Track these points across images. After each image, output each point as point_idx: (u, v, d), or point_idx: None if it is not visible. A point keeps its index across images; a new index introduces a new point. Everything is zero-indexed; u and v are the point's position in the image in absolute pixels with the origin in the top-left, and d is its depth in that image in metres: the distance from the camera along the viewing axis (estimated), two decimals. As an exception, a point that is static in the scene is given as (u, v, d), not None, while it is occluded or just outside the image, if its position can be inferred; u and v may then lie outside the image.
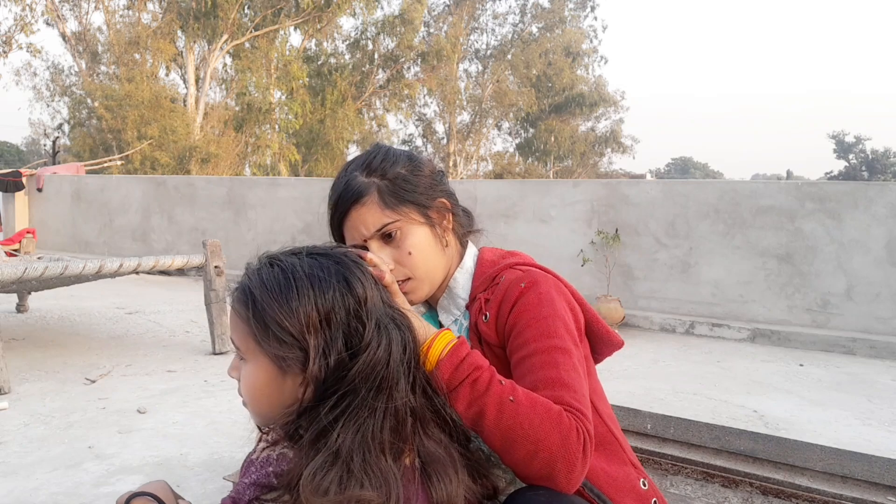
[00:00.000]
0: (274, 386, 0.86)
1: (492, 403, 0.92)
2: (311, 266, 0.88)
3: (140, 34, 19.48)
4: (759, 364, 4.14)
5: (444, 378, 0.94)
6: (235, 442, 2.49)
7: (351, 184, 1.12)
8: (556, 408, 0.91)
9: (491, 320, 1.08)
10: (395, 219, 1.10)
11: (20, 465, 2.24)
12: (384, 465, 0.80)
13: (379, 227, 1.10)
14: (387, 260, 1.10)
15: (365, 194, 1.10)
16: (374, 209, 1.10)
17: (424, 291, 1.15)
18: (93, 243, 9.21)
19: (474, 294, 1.16)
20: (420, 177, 1.14)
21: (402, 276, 1.12)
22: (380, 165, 1.12)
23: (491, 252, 1.22)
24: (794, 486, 1.57)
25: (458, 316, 1.18)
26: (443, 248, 1.15)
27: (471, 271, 1.19)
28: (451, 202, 1.18)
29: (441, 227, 1.16)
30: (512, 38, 28.96)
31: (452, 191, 1.21)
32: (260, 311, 0.85)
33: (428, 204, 1.14)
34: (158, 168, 17.15)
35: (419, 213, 1.12)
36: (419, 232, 1.12)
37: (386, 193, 1.10)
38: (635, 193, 5.57)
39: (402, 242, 1.11)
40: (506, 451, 0.91)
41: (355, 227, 1.11)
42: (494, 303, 1.09)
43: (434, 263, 1.14)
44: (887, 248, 4.66)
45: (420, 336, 0.96)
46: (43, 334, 4.31)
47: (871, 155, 40.45)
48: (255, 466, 0.83)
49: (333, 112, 21.78)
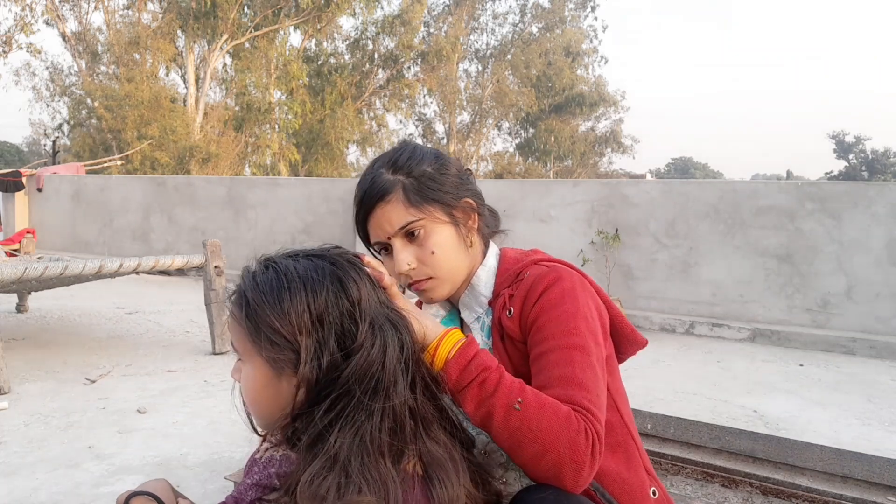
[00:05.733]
0: (271, 388, 0.86)
1: (500, 405, 0.91)
2: (306, 268, 0.88)
3: (140, 34, 19.44)
4: (759, 364, 4.14)
5: (452, 379, 0.94)
6: (235, 442, 2.49)
7: (376, 181, 1.11)
8: (564, 409, 0.91)
9: (515, 315, 1.07)
10: (419, 217, 1.09)
11: (20, 465, 2.24)
12: (383, 469, 0.79)
13: (403, 225, 1.09)
14: (409, 258, 1.10)
15: (390, 192, 1.09)
16: (399, 207, 1.09)
17: (445, 291, 1.15)
18: (93, 243, 9.20)
19: (497, 291, 1.14)
20: (446, 175, 1.13)
21: (424, 276, 1.12)
22: (406, 163, 1.11)
23: (514, 250, 1.21)
24: (794, 486, 1.57)
25: (481, 313, 1.17)
26: (466, 247, 1.14)
27: (494, 269, 1.18)
28: (477, 202, 1.17)
29: (466, 226, 1.14)
30: (512, 38, 28.92)
31: (479, 190, 1.19)
32: (253, 312, 0.85)
33: (453, 203, 1.12)
34: (158, 168, 17.14)
35: (444, 212, 1.11)
36: (443, 231, 1.11)
37: (411, 191, 1.09)
38: (635, 193, 5.58)
39: (426, 241, 1.10)
40: (514, 452, 0.92)
41: (379, 225, 1.11)
42: (519, 298, 1.08)
43: (457, 263, 1.13)
44: (887, 248, 4.66)
45: (429, 335, 0.96)
46: (43, 334, 4.31)
47: (871, 155, 40.41)
48: (258, 467, 0.82)
49: (333, 112, 21.75)
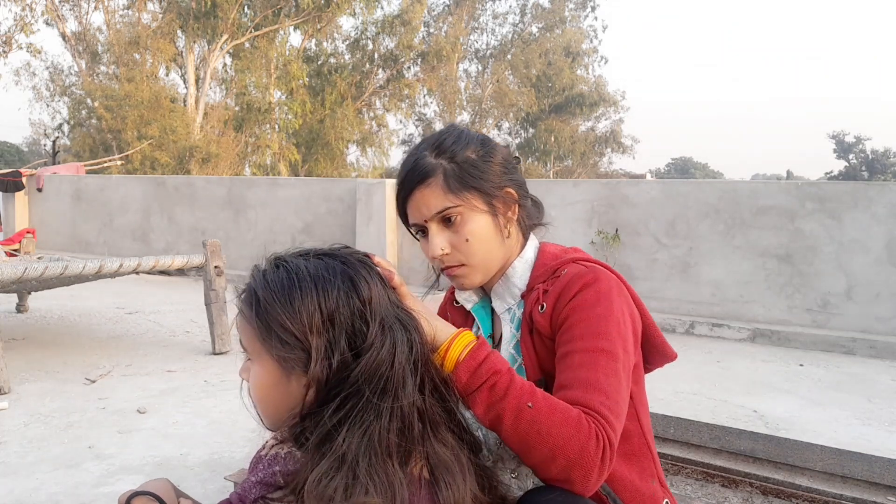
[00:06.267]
0: (279, 388, 0.86)
1: (509, 409, 0.91)
2: (317, 267, 0.88)
3: (140, 34, 19.44)
4: (759, 364, 4.14)
5: (462, 382, 0.93)
6: (235, 442, 2.49)
7: (419, 163, 1.10)
8: (574, 413, 0.90)
9: (547, 311, 1.06)
10: (456, 203, 1.08)
11: (20, 464, 2.24)
12: (390, 470, 0.79)
13: (440, 210, 1.08)
14: (443, 244, 1.10)
15: (430, 176, 1.09)
16: (438, 192, 1.08)
17: (477, 279, 1.14)
18: (93, 243, 9.20)
19: (532, 285, 1.13)
20: (489, 164, 1.11)
21: (457, 262, 1.11)
22: (450, 147, 1.10)
23: (554, 246, 1.20)
24: (794, 486, 1.57)
25: (513, 305, 1.15)
26: (503, 238, 1.12)
27: (531, 262, 1.16)
28: (520, 192, 1.15)
29: (505, 217, 1.12)
30: (512, 38, 28.93)
31: (523, 181, 1.17)
32: (263, 311, 0.85)
33: (493, 192, 1.10)
34: (158, 168, 17.13)
35: (483, 200, 1.10)
36: (480, 220, 1.09)
37: (451, 177, 1.08)
38: (635, 193, 5.57)
39: (461, 228, 1.09)
40: (524, 455, 0.92)
41: (417, 208, 1.11)
42: (553, 294, 1.06)
43: (491, 253, 1.11)
44: (887, 248, 4.66)
45: (439, 337, 0.95)
46: (43, 334, 4.31)
47: (871, 155, 40.39)
48: (262, 464, 0.82)
49: (333, 112, 21.74)
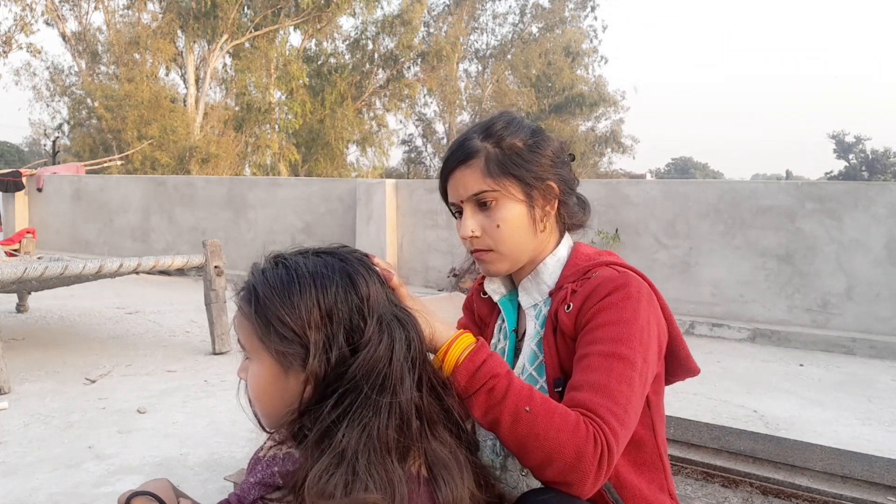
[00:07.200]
0: (278, 384, 0.86)
1: (507, 412, 0.91)
2: (316, 264, 0.88)
3: (140, 34, 19.42)
4: (759, 364, 4.14)
5: (461, 384, 0.93)
6: (235, 442, 2.49)
7: (465, 144, 1.11)
8: (573, 417, 0.90)
9: (573, 312, 1.05)
10: (493, 188, 1.08)
11: (20, 465, 2.24)
12: (389, 467, 0.80)
13: (476, 192, 1.09)
14: (474, 226, 1.10)
15: (473, 157, 1.09)
16: (477, 174, 1.08)
17: (503, 267, 1.13)
18: (93, 243, 9.20)
19: (562, 283, 1.11)
20: (536, 154, 1.10)
21: (485, 246, 1.11)
22: (499, 132, 1.10)
23: (589, 247, 1.19)
24: (794, 486, 1.57)
25: (539, 301, 1.14)
26: (536, 230, 1.11)
27: (563, 260, 1.15)
28: (563, 189, 1.13)
29: (542, 210, 1.11)
30: (512, 38, 28.90)
31: (572, 178, 1.16)
32: (262, 307, 0.86)
33: (533, 183, 1.09)
34: (158, 168, 17.12)
35: (521, 189, 1.09)
36: (514, 208, 1.09)
37: (493, 161, 1.08)
38: (635, 193, 5.57)
39: (494, 213, 1.09)
40: (522, 458, 0.92)
41: (455, 187, 1.11)
42: (581, 295, 1.05)
43: (521, 244, 1.10)
44: (887, 248, 4.65)
45: (438, 337, 0.95)
46: (43, 334, 4.31)
47: (871, 155, 40.38)
48: (261, 465, 0.83)
49: (333, 112, 21.73)
